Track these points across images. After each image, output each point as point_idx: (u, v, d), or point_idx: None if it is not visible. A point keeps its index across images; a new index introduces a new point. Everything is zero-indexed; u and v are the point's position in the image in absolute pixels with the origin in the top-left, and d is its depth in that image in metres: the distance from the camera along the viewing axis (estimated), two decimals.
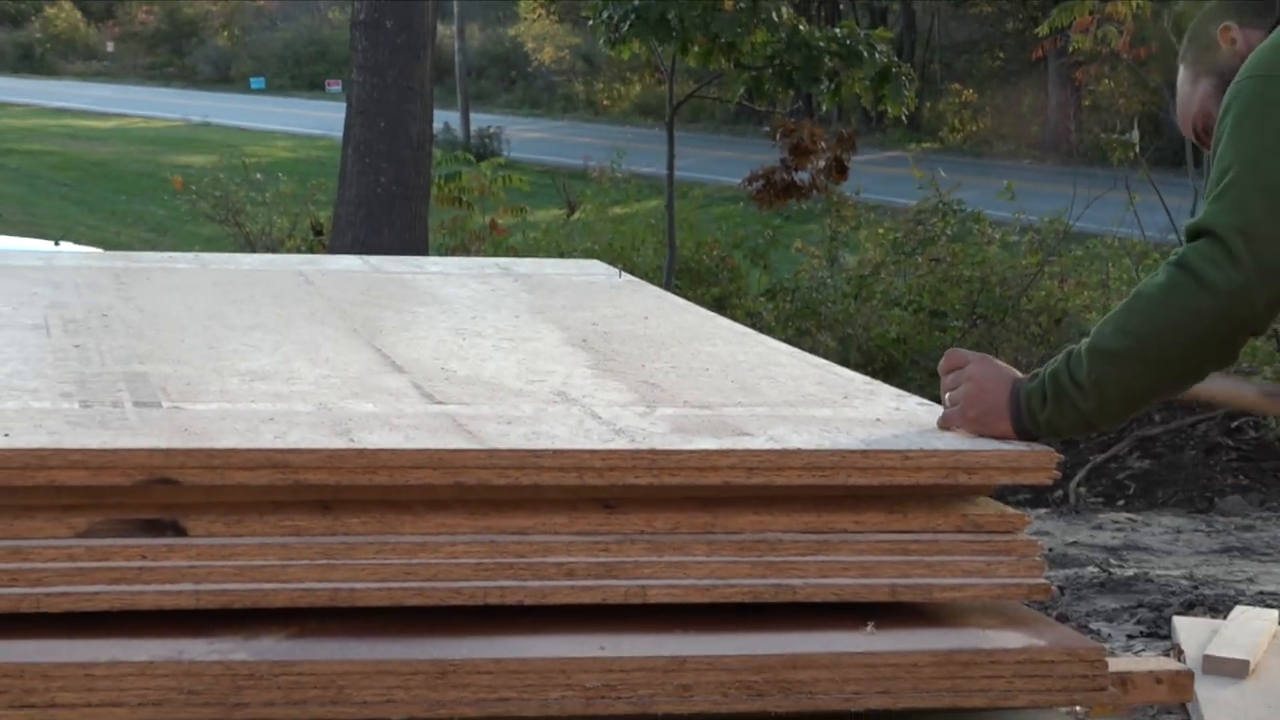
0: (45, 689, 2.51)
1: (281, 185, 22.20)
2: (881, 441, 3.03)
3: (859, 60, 15.45)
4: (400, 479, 2.77)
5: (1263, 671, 5.63)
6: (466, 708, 2.61)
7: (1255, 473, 10.78)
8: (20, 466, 2.65)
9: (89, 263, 4.92)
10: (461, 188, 18.40)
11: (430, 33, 15.38)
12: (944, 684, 2.77)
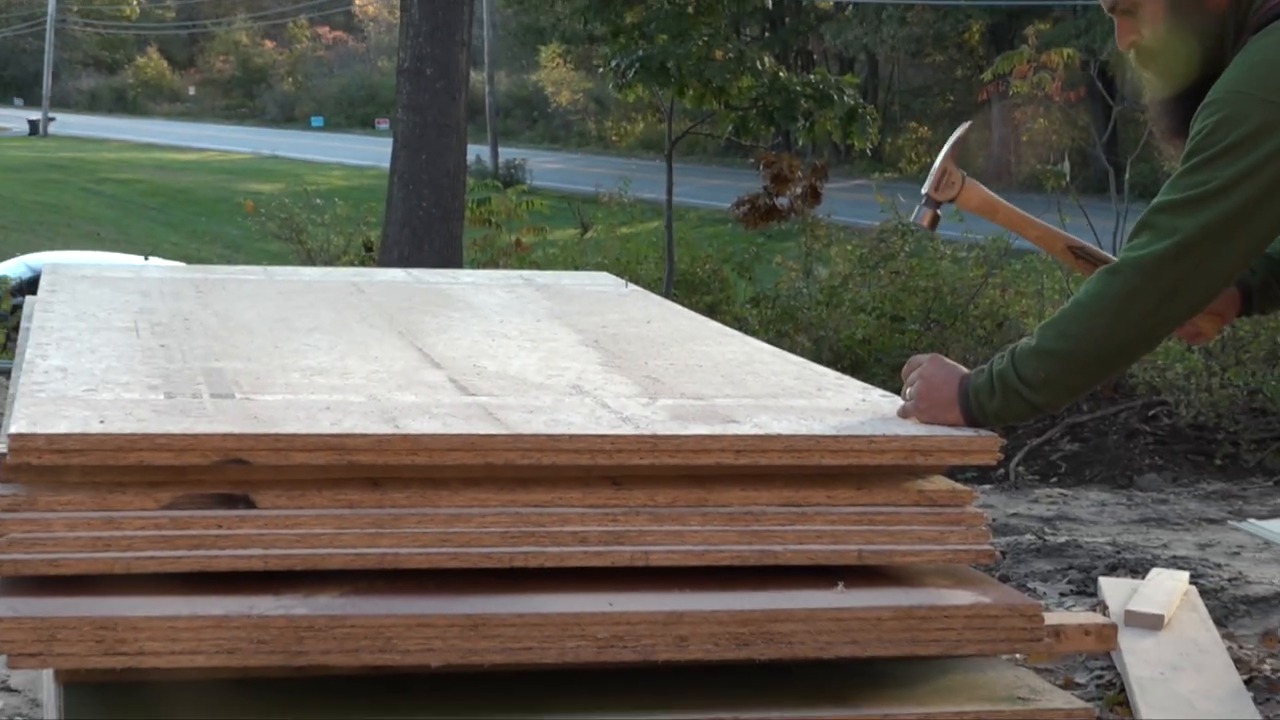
0: (135, 639, 2.51)
1: (337, 209, 22.20)
2: (850, 428, 3.03)
3: (830, 102, 15.47)
4: (438, 460, 2.77)
5: (1175, 624, 5.63)
6: (495, 655, 2.61)
7: (1168, 454, 10.78)
8: (114, 449, 2.65)
9: (173, 275, 4.92)
10: (491, 211, 18.43)
11: (464, 78, 15.36)
12: (904, 635, 2.77)
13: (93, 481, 2.68)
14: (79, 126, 70.87)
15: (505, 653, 2.62)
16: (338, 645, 2.57)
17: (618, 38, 15.54)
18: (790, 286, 15.94)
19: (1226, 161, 2.86)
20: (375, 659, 2.59)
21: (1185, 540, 7.71)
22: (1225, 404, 11.29)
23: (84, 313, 3.97)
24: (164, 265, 10.47)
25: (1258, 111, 2.86)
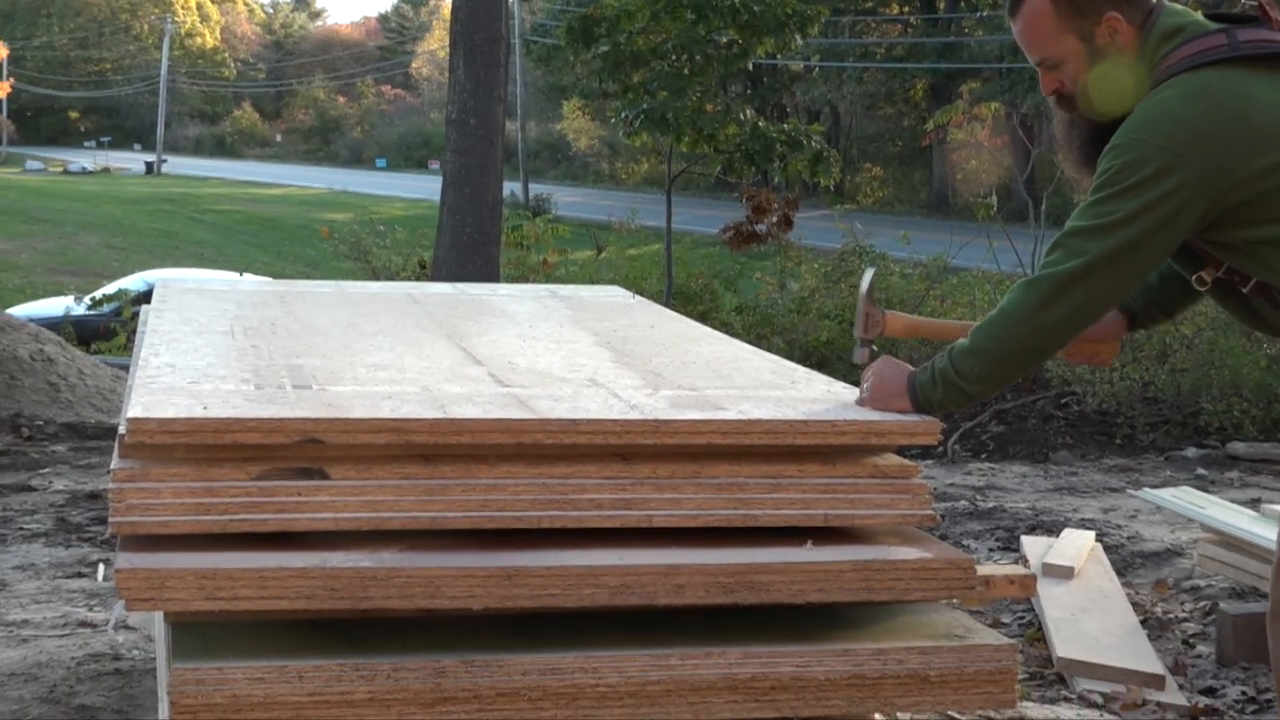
0: (230, 587, 2.51)
1: (397, 234, 22.23)
2: (817, 414, 3.02)
3: (800, 147, 15.48)
4: (479, 439, 2.77)
5: (1083, 574, 5.63)
6: (525, 600, 2.61)
7: (1077, 435, 10.79)
8: (213, 430, 2.66)
9: (262, 287, 4.92)
10: (522, 236, 18.47)
11: (500, 127, 15.37)
12: (861, 584, 2.76)
13: (195, 457, 2.69)
14: (186, 167, 71.10)
15: (534, 598, 2.62)
16: (397, 592, 2.57)
17: (626, 94, 15.55)
18: (767, 298, 15.97)
19: (1130, 197, 2.87)
20: (427, 603, 2.59)
21: (1091, 505, 7.71)
22: (1124, 394, 11.30)
23: (189, 319, 3.97)
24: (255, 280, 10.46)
25: (1156, 157, 2.86)
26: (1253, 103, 2.90)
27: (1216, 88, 2.91)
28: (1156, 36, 3.01)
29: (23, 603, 5.46)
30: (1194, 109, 2.89)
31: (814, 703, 2.72)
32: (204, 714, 2.47)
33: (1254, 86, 2.92)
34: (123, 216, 43.73)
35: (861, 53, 50.90)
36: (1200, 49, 2.96)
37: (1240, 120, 2.89)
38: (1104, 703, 4.63)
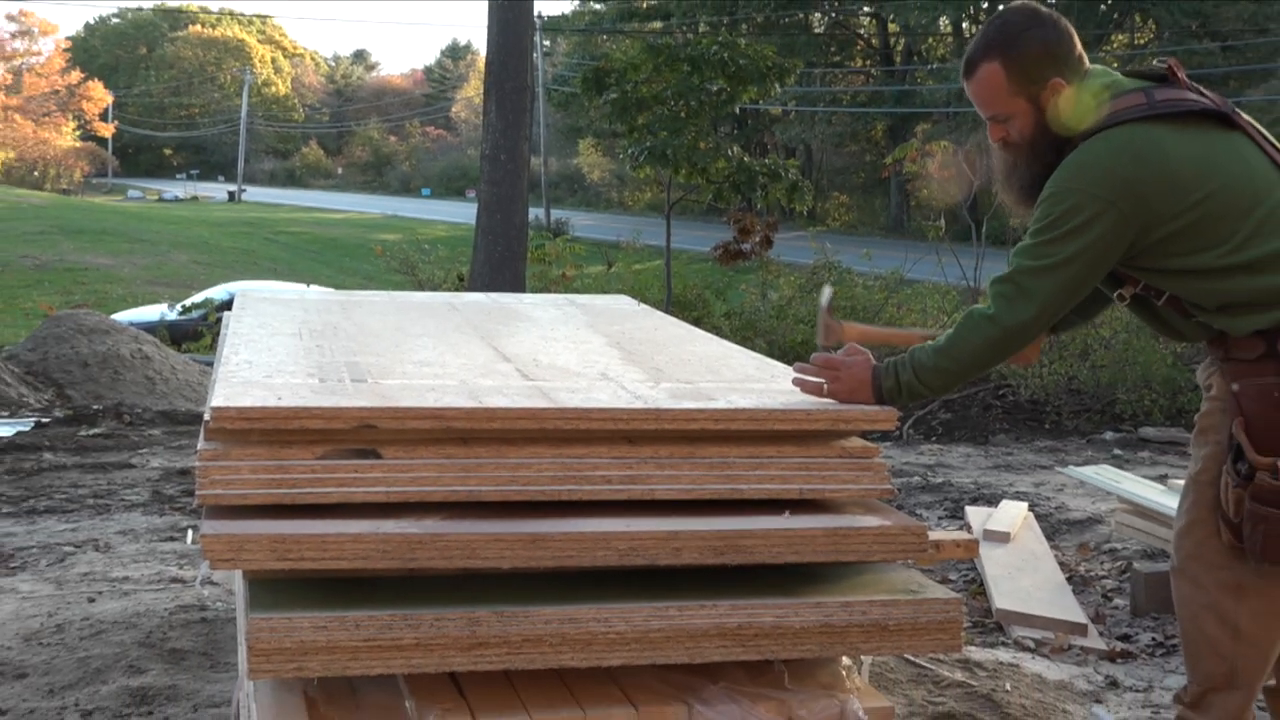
0: (296, 549, 2.51)
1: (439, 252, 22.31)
2: (793, 404, 3.02)
3: (779, 178, 15.49)
4: (509, 425, 2.77)
5: (1017, 539, 5.63)
6: (547, 561, 2.61)
7: (1012, 421, 10.79)
8: (284, 417, 2.66)
9: (325, 297, 4.92)
10: (545, 253, 18.54)
11: (526, 162, 15.39)
12: (831, 547, 2.76)
13: (268, 440, 2.69)
14: (262, 195, 71.19)
15: (555, 559, 2.62)
16: (438, 554, 2.57)
17: (632, 134, 15.55)
18: (751, 305, 15.97)
19: (1070, 240, 2.91)
20: (464, 563, 2.59)
21: (1025, 481, 7.71)
22: (1052, 386, 11.31)
23: (263, 323, 3.97)
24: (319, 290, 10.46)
25: (1089, 204, 2.89)
26: (1169, 155, 2.92)
27: (1139, 142, 2.93)
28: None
29: (124, 562, 5.47)
30: (1120, 161, 2.91)
31: (790, 647, 2.72)
32: (276, 657, 2.47)
33: (1169, 140, 2.94)
34: (208, 237, 43.78)
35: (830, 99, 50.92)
36: (1124, 106, 2.99)
37: (1160, 170, 2.91)
38: (1035, 647, 4.63)
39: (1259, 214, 2.92)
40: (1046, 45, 3.04)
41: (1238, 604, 3.04)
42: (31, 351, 12.88)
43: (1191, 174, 2.91)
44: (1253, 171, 2.97)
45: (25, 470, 7.59)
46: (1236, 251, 2.92)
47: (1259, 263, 2.91)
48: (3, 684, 3.82)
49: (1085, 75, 3.07)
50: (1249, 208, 2.92)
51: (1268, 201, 2.94)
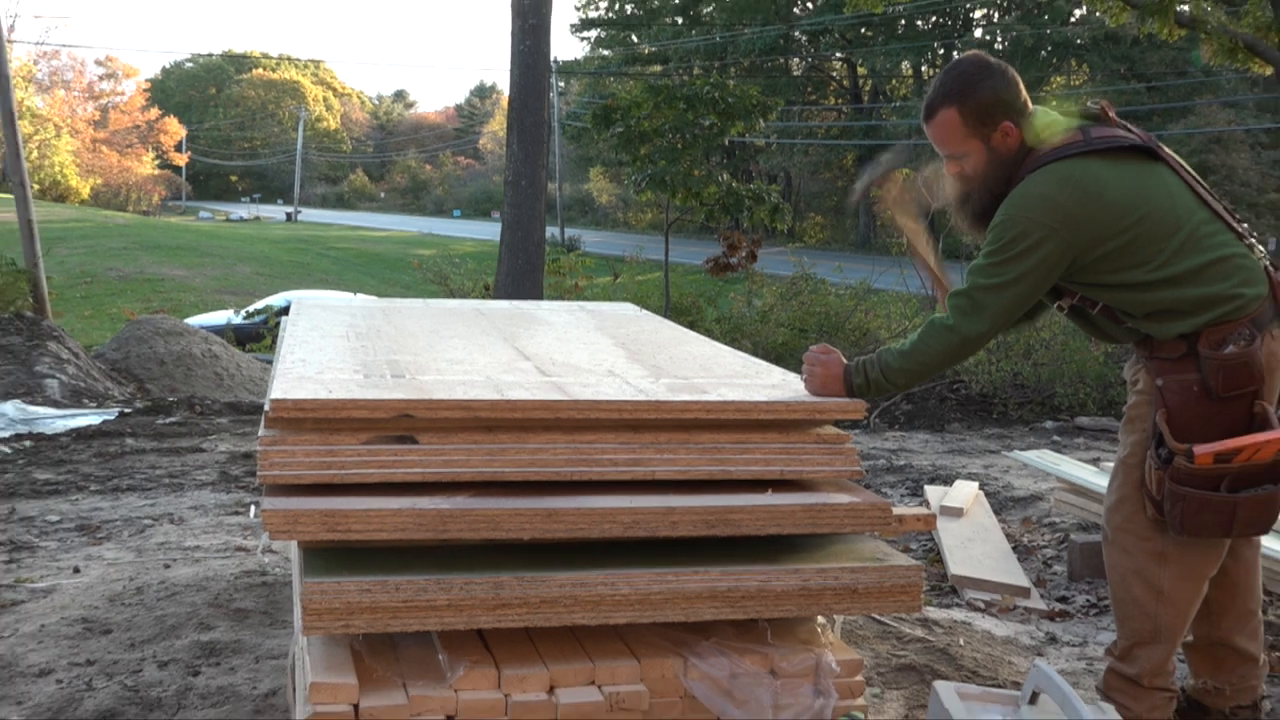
0: (345, 523, 2.51)
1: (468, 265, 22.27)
2: (775, 397, 3.02)
3: (762, 201, 15.47)
4: (528, 415, 2.77)
5: (970, 514, 5.62)
6: (561, 533, 2.61)
7: (965, 412, 10.77)
8: (333, 408, 2.66)
9: (369, 304, 4.92)
10: (560, 266, 18.51)
11: (543, 187, 15.37)
12: (808, 520, 2.76)
13: (320, 428, 2.69)
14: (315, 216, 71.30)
15: (568, 531, 2.62)
16: (467, 526, 2.57)
17: (635, 162, 15.54)
18: (739, 311, 15.95)
19: (1018, 262, 2.94)
20: (489, 535, 2.59)
21: (976, 463, 7.69)
22: (999, 381, 11.29)
23: (316, 326, 3.97)
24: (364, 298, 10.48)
25: (1035, 230, 2.92)
26: (1105, 186, 2.94)
27: (1079, 175, 2.95)
28: (1031, 133, 3.06)
29: (195, 533, 5.47)
30: (1063, 192, 2.93)
31: (773, 607, 2.72)
32: (326, 616, 2.47)
33: (1105, 173, 2.95)
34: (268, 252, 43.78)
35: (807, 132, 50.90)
36: (1064, 143, 3.01)
37: (1097, 201, 2.92)
38: (985, 607, 4.62)
39: (1180, 236, 2.94)
40: (997, 93, 3.04)
41: (1161, 569, 3.05)
42: (116, 351, 12.89)
43: (1124, 203, 2.93)
44: (1174, 199, 2.99)
45: (111, 454, 7.59)
46: (1161, 268, 2.93)
47: (1180, 277, 2.93)
48: (90, 638, 3.82)
49: (1030, 116, 3.07)
50: (1171, 231, 2.94)
51: (1187, 225, 2.96)
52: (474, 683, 2.57)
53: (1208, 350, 2.91)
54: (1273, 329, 2.96)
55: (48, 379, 10.36)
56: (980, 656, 3.85)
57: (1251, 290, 2.93)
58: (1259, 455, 2.88)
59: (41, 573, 4.71)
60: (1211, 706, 3.26)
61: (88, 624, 3.96)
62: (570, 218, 56.46)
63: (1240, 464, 2.88)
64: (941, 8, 43.53)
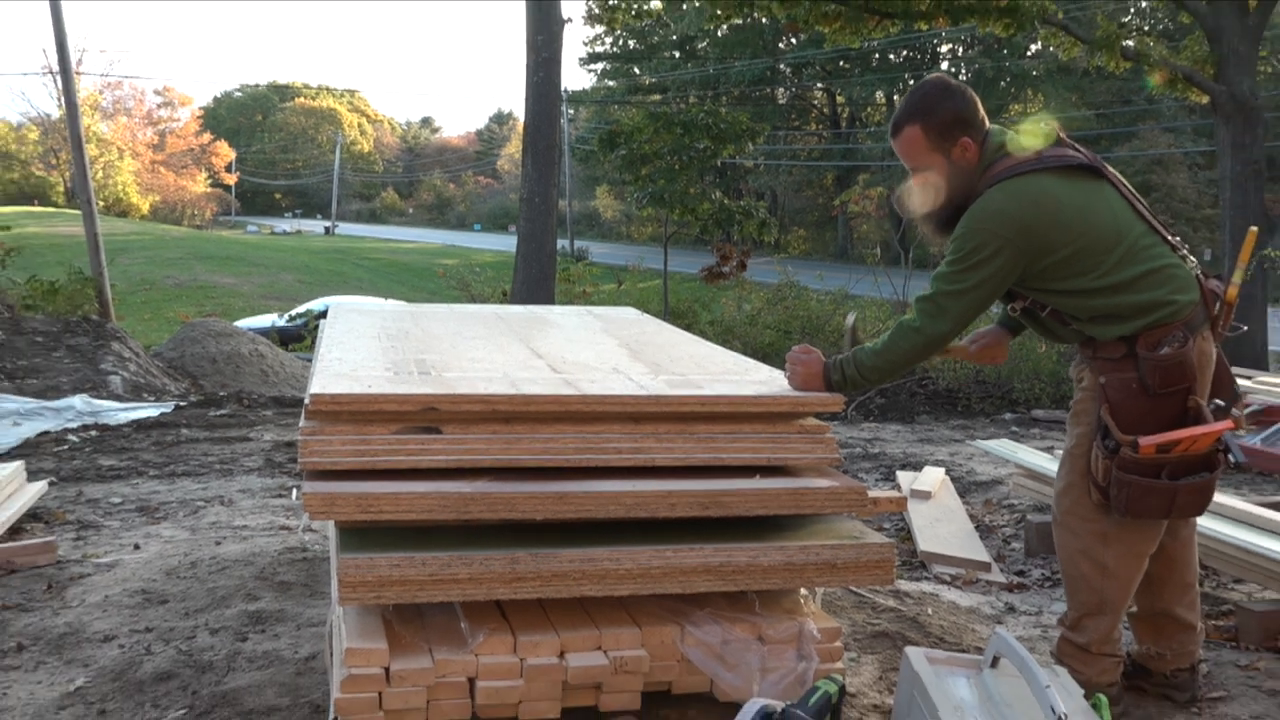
0: (377, 505, 2.51)
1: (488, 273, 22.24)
2: (763, 392, 3.01)
3: (751, 216, 15.47)
4: (541, 408, 2.76)
5: (937, 496, 5.61)
6: (571, 513, 2.61)
7: (933, 405, 10.76)
8: (366, 401, 2.65)
9: (398, 308, 4.91)
10: (569, 274, 18.51)
11: (555, 203, 15.37)
12: (792, 502, 2.75)
13: (354, 419, 2.68)
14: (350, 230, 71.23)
15: (577, 512, 2.62)
16: (486, 508, 2.57)
17: (637, 182, 15.56)
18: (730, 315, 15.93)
19: (977, 270, 2.93)
20: (506, 515, 2.58)
21: (942, 451, 7.68)
22: (963, 378, 11.29)
23: (351, 329, 3.96)
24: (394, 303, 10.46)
25: (993, 241, 2.91)
26: (1058, 201, 2.92)
27: (1034, 191, 2.93)
28: (990, 150, 3.04)
29: (243, 513, 5.46)
30: (1018, 206, 2.91)
31: (760, 580, 2.71)
32: (360, 588, 2.46)
33: (1057, 188, 2.94)
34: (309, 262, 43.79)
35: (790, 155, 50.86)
36: (1019, 161, 2.99)
37: (1050, 214, 2.91)
38: (950, 580, 4.61)
39: (1121, 248, 2.94)
40: (957, 112, 3.03)
41: (1105, 548, 3.05)
42: (172, 350, 12.89)
43: (1072, 216, 2.92)
44: (1116, 214, 2.99)
45: (168, 442, 7.59)
46: (1103, 276, 2.93)
47: (1120, 285, 2.94)
48: (150, 607, 3.82)
49: (988, 134, 3.06)
50: (1114, 243, 2.94)
51: (1127, 238, 2.96)
52: (493, 648, 2.57)
53: (1145, 351, 2.91)
54: (1204, 331, 2.97)
55: (111, 375, 10.37)
56: (946, 624, 3.84)
57: (1184, 297, 2.94)
58: (1195, 446, 2.89)
59: (106, 549, 4.70)
60: (1154, 670, 3.26)
61: (146, 595, 3.96)
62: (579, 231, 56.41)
63: (1179, 454, 2.89)
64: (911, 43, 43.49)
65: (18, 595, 3.99)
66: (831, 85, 49.63)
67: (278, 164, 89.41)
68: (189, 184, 72.96)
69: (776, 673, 2.68)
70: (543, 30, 14.84)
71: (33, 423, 8.11)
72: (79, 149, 14.48)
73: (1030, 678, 2.33)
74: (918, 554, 4.89)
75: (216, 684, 3.11)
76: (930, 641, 3.61)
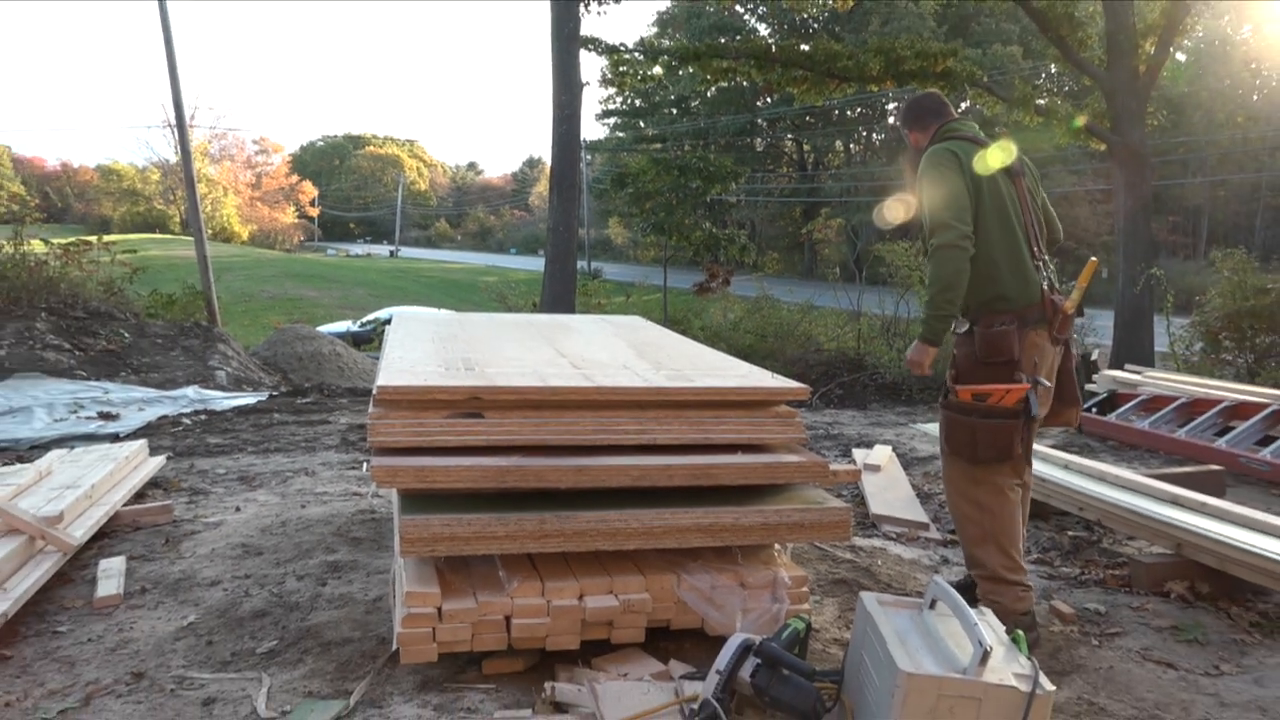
0: (431, 475, 2.50)
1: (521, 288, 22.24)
2: (744, 384, 3.00)
3: (734, 242, 15.49)
4: (564, 397, 2.75)
5: (886, 469, 5.59)
6: (588, 482, 2.60)
7: (882, 395, 10.72)
8: (423, 392, 2.65)
9: (448, 317, 4.90)
10: (587, 289, 18.56)
11: (575, 232, 15.38)
12: (767, 474, 2.74)
13: (412, 406, 2.67)
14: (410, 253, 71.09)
15: (594, 482, 2.61)
16: (519, 478, 2.56)
17: (642, 214, 15.60)
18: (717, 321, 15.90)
19: (942, 170, 3.07)
20: (536, 484, 2.58)
21: (889, 433, 7.66)
22: (906, 373, 11.25)
23: (410, 333, 3.96)
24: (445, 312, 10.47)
25: (943, 154, 3.12)
26: (968, 155, 3.12)
27: (955, 146, 3.15)
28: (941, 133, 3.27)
29: (323, 482, 5.46)
30: (952, 146, 3.15)
31: (743, 537, 2.70)
32: (417, 543, 2.46)
33: (969, 149, 3.14)
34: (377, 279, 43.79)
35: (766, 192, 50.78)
36: (954, 134, 3.23)
37: (967, 159, 3.10)
38: (896, 537, 4.59)
39: (1004, 234, 3.09)
40: (916, 114, 3.36)
41: (976, 488, 3.11)
42: (267, 350, 12.89)
43: (983, 177, 3.09)
44: (1011, 209, 3.12)
45: (262, 424, 7.59)
46: (983, 249, 3.05)
47: (993, 265, 3.05)
48: (249, 558, 3.81)
49: (943, 125, 3.27)
50: (1003, 224, 3.09)
51: (1012, 232, 3.08)
52: (525, 592, 2.56)
53: (980, 329, 3.05)
54: (1038, 329, 3.06)
55: (217, 370, 10.38)
56: (893, 573, 3.82)
57: (1024, 299, 3.05)
58: (1005, 400, 3.01)
59: (212, 511, 4.70)
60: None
61: (245, 548, 3.95)
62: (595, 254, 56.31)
63: (990, 405, 3.01)
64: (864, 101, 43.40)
65: (142, 548, 3.99)
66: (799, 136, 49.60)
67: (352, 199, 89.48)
68: (280, 216, 73.08)
69: (755, 612, 2.68)
70: (566, 91, 14.84)
71: (154, 408, 8.12)
72: (191, 188, 14.49)
73: (961, 617, 2.32)
74: (870, 516, 4.88)
75: (301, 620, 3.11)
76: (880, 587, 3.59)
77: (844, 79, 12.54)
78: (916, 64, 12.09)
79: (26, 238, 11.26)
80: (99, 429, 7.13)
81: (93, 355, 9.94)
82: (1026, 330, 3.04)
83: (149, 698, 2.61)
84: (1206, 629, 3.29)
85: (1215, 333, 9.76)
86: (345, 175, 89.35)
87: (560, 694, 2.45)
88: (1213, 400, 6.67)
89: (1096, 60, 12.06)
